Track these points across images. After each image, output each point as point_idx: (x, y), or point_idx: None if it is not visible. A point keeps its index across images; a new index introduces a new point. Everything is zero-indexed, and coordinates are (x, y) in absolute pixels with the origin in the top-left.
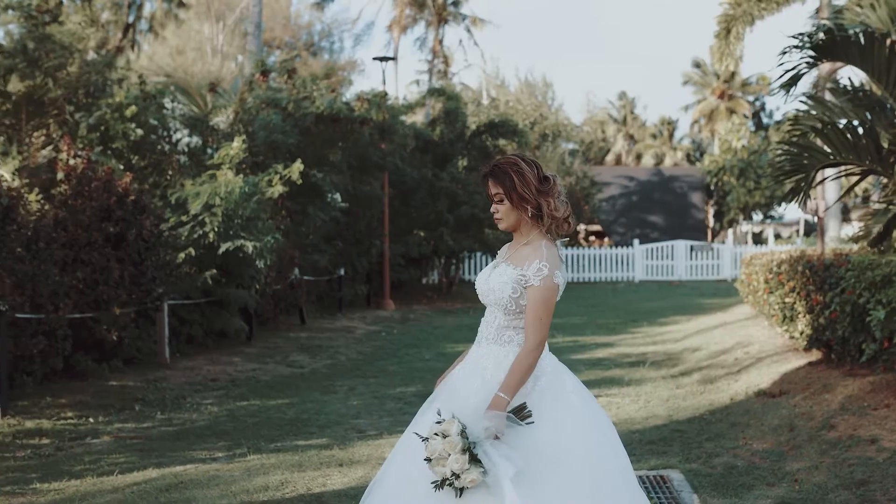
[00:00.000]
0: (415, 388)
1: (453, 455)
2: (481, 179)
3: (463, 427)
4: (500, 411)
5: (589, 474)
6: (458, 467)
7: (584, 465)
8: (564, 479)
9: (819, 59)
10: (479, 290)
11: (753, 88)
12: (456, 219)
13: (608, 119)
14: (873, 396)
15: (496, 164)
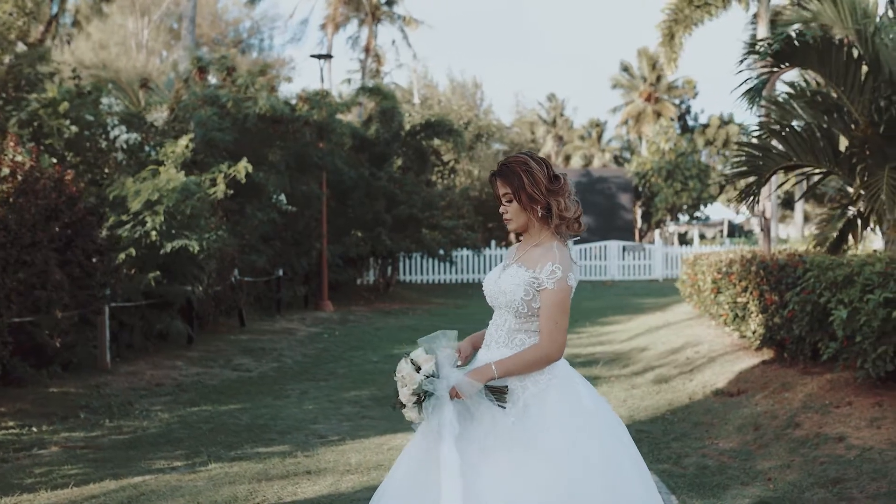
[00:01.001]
0: (368, 391)
1: (406, 388)
2: (489, 179)
3: (432, 374)
4: (478, 381)
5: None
6: (405, 400)
7: (599, 470)
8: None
9: (779, 65)
10: (487, 292)
11: (679, 91)
12: (394, 219)
13: (538, 120)
14: (834, 394)
15: (504, 163)
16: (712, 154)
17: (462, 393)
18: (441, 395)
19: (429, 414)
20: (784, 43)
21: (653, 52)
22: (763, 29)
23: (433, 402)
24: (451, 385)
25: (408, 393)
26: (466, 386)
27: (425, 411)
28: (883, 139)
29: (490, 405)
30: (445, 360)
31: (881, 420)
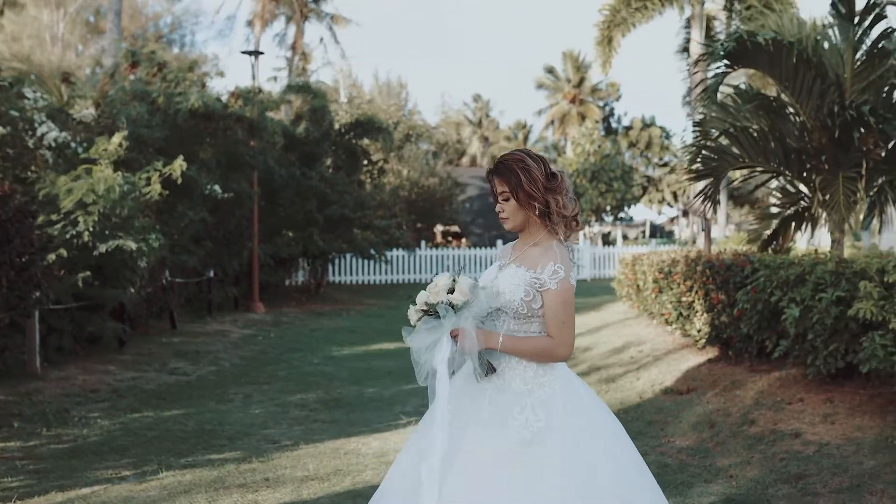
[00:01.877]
0: (314, 394)
1: (428, 296)
2: (486, 176)
3: (454, 305)
4: (482, 341)
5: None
6: (417, 302)
7: (606, 469)
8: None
9: (732, 66)
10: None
11: (603, 94)
12: (326, 219)
13: (464, 121)
14: (785, 391)
15: (501, 161)
16: (635, 156)
17: (462, 339)
18: (444, 325)
19: (421, 329)
20: (737, 44)
21: (577, 54)
22: (697, 33)
23: (433, 324)
24: (460, 326)
25: (424, 300)
26: (469, 337)
27: (422, 324)
28: (836, 145)
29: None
30: (471, 309)
31: (834, 416)
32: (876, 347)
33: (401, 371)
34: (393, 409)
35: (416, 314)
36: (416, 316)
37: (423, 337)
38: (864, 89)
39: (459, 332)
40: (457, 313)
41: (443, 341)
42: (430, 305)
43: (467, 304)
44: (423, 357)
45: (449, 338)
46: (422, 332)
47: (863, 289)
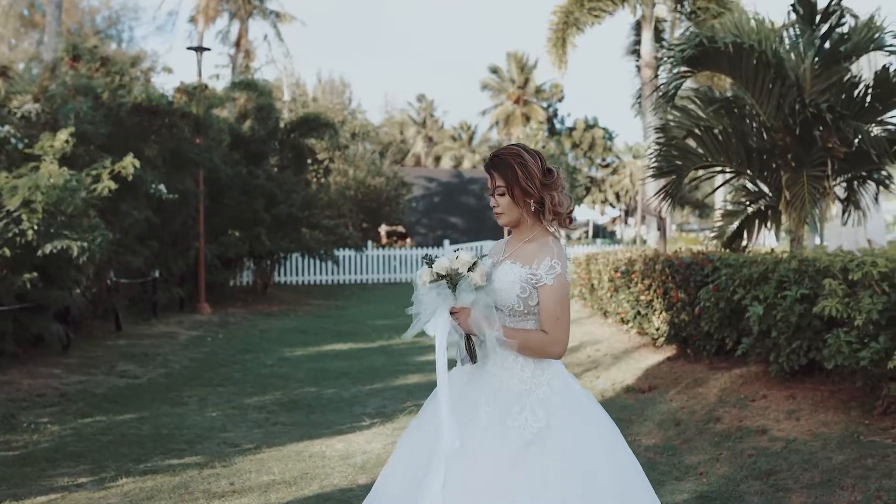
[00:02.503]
0: (271, 395)
1: (445, 262)
2: (484, 169)
3: (463, 279)
4: (483, 325)
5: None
6: (432, 265)
7: (605, 464)
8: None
9: (693, 70)
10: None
11: (547, 95)
12: (273, 218)
13: (408, 121)
14: (747, 388)
15: (497, 155)
16: (578, 157)
17: (465, 319)
18: (459, 298)
19: (433, 289)
20: (697, 48)
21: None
22: (647, 35)
23: (444, 292)
24: (462, 304)
25: (445, 266)
26: (474, 319)
27: (434, 286)
28: (799, 144)
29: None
30: (480, 294)
31: (798, 412)
32: (841, 344)
33: (358, 372)
34: (354, 411)
35: (430, 276)
36: (429, 278)
37: (433, 297)
38: (823, 90)
39: (462, 311)
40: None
41: (445, 312)
42: (449, 274)
43: (481, 289)
44: (424, 310)
45: (449, 313)
46: (433, 292)
47: (827, 287)
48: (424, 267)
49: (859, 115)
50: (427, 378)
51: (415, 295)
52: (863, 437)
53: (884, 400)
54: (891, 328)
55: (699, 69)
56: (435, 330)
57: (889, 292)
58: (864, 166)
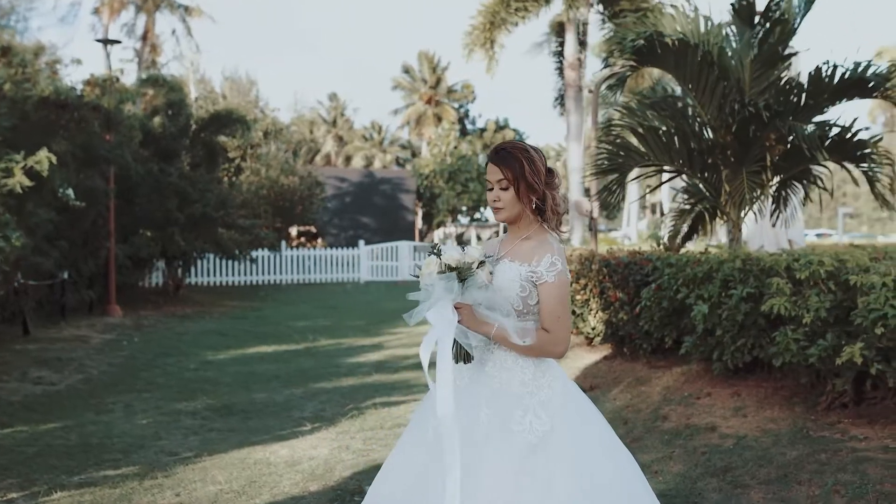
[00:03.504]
0: (201, 401)
1: (454, 255)
2: (486, 163)
3: (468, 275)
4: (481, 323)
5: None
6: (443, 254)
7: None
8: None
9: (640, 64)
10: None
11: (458, 95)
12: (187, 218)
13: (318, 120)
14: (690, 386)
15: (503, 148)
16: None
17: (463, 315)
18: (451, 289)
19: (441, 279)
20: (646, 42)
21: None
22: (571, 37)
23: (453, 285)
24: (467, 301)
25: (456, 257)
26: (473, 317)
27: (441, 277)
28: (738, 142)
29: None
30: (484, 292)
31: (744, 409)
32: (789, 342)
33: (288, 375)
34: (292, 415)
35: (436, 266)
36: (436, 268)
37: (441, 288)
38: (762, 91)
39: (464, 307)
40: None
41: (450, 304)
42: (459, 267)
43: (484, 288)
44: (432, 299)
45: (453, 307)
46: (442, 282)
47: (775, 285)
48: (432, 257)
49: (795, 115)
50: (361, 381)
51: (421, 283)
52: (812, 433)
53: (828, 395)
54: (837, 326)
55: (645, 64)
56: (437, 319)
57: (835, 291)
58: (798, 166)
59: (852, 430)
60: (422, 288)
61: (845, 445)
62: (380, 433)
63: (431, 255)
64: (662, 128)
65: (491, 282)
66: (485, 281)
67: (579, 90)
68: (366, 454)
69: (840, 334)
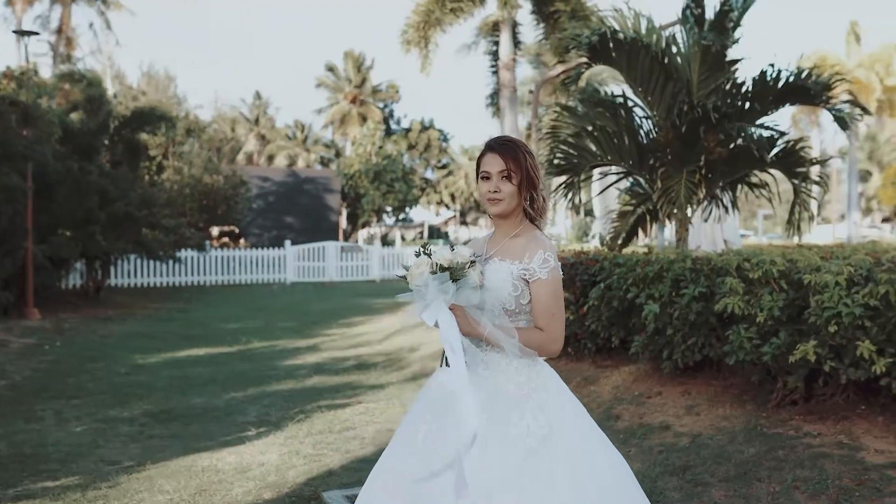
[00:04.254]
0: (137, 407)
1: (443, 255)
2: (482, 153)
3: (460, 275)
4: (473, 325)
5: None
6: (434, 255)
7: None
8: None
9: (593, 62)
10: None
11: (384, 95)
12: (108, 217)
13: (240, 118)
14: (640, 385)
15: (507, 140)
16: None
17: (456, 314)
18: (445, 290)
19: (435, 280)
20: (600, 39)
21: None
22: (506, 37)
23: (447, 286)
24: (460, 302)
25: (448, 258)
26: (466, 319)
27: (434, 278)
28: (683, 143)
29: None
30: (478, 296)
31: (696, 407)
32: (742, 340)
33: (225, 379)
34: (234, 420)
35: (428, 266)
36: (426, 268)
37: (434, 288)
38: (710, 93)
39: (456, 309)
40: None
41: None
42: (452, 267)
43: (477, 289)
44: (427, 299)
45: (448, 309)
46: (436, 282)
47: (728, 285)
48: (423, 257)
49: (742, 117)
50: (302, 384)
51: (412, 283)
52: (766, 430)
53: (778, 393)
54: (790, 324)
55: (598, 62)
56: (434, 320)
57: (787, 290)
58: (743, 169)
59: (805, 426)
60: (413, 289)
61: (801, 442)
62: (329, 437)
63: (422, 256)
64: (613, 128)
65: (482, 282)
66: (477, 281)
67: (514, 90)
68: (317, 459)
69: (793, 332)
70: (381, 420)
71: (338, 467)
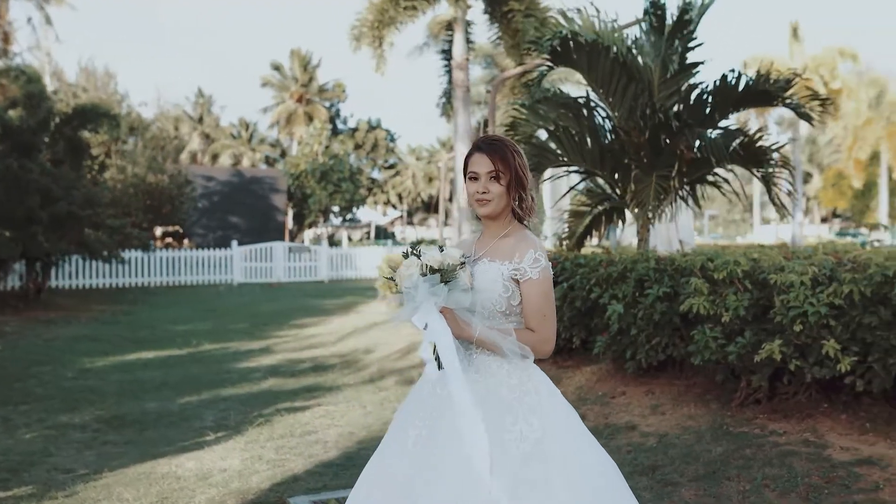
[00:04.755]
0: (89, 413)
1: (433, 257)
2: (470, 153)
3: (448, 278)
4: (463, 327)
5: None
6: (424, 257)
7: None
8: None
9: (555, 64)
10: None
11: (330, 94)
12: (51, 217)
13: (183, 116)
14: (603, 385)
15: (496, 139)
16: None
17: (446, 316)
18: (435, 292)
19: (426, 283)
20: (561, 42)
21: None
22: (460, 36)
23: (438, 289)
24: (451, 304)
25: (439, 259)
26: (456, 322)
27: (425, 280)
28: (650, 146)
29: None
30: (468, 296)
31: (661, 407)
32: (708, 340)
33: (177, 383)
34: (192, 425)
35: (417, 268)
36: (416, 270)
37: (425, 290)
38: (671, 95)
39: (447, 311)
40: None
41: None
42: (442, 269)
43: (468, 291)
44: (416, 302)
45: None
46: (426, 284)
47: (693, 285)
48: (412, 258)
49: (703, 121)
50: (258, 387)
51: (400, 285)
52: (732, 429)
53: (741, 392)
54: (755, 323)
55: (560, 64)
56: (425, 323)
57: (752, 290)
58: (706, 167)
59: (770, 424)
60: (402, 291)
61: (767, 440)
62: (291, 441)
63: (411, 257)
64: (575, 128)
65: (472, 284)
66: (467, 283)
67: (467, 90)
68: (281, 464)
69: (758, 332)
70: (342, 423)
71: (302, 472)
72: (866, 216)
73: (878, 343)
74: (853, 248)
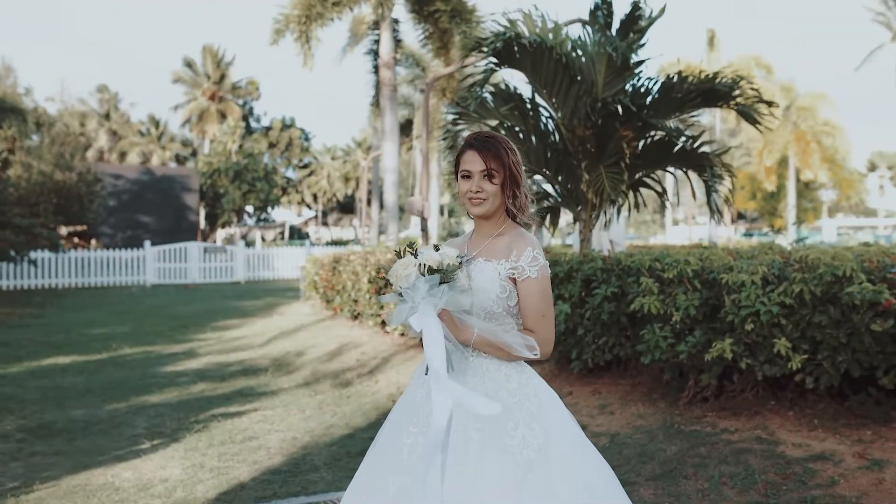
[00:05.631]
0: (10, 422)
1: (431, 257)
2: (461, 151)
3: (448, 279)
4: (460, 331)
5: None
6: (422, 255)
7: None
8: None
9: (500, 65)
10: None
11: (243, 92)
12: None
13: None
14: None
15: (488, 136)
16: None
17: (443, 318)
18: (434, 294)
19: (424, 283)
20: (505, 43)
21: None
22: (387, 35)
23: (437, 290)
24: (450, 306)
25: (437, 260)
26: (454, 324)
27: (423, 280)
28: (596, 140)
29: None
30: (466, 297)
31: (609, 406)
32: (658, 339)
33: (102, 389)
34: (123, 433)
35: (415, 267)
36: (414, 270)
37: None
38: (615, 94)
39: (443, 313)
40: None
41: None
42: (441, 269)
43: (466, 292)
44: (415, 303)
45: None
46: (426, 285)
47: (644, 285)
48: (409, 258)
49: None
50: (187, 391)
51: (398, 286)
52: (683, 427)
53: (689, 391)
54: (705, 322)
55: (504, 65)
56: (421, 326)
57: (701, 289)
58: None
59: (720, 422)
60: (400, 291)
61: (720, 438)
62: (233, 448)
63: (407, 256)
64: (521, 127)
65: (470, 284)
66: (466, 284)
67: (394, 89)
68: (225, 472)
69: (707, 331)
70: (282, 428)
71: (248, 480)
72: (773, 218)
73: (827, 341)
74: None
